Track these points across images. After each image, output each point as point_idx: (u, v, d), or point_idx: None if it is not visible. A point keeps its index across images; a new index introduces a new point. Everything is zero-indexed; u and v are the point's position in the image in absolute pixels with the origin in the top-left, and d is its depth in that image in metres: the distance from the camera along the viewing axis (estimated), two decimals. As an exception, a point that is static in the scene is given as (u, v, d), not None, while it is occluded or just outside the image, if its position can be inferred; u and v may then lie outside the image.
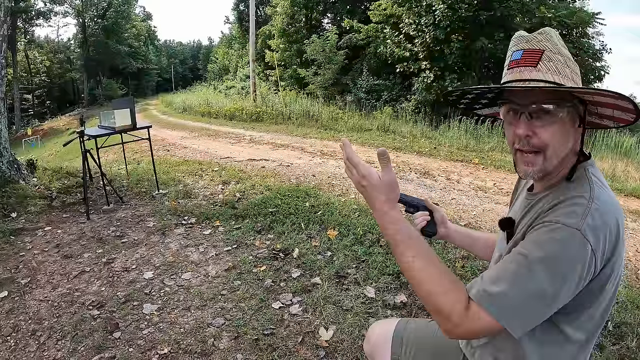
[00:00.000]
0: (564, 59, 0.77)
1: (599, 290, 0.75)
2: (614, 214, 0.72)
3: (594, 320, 0.79)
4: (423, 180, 4.79)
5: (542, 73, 0.76)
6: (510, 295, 0.69)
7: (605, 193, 0.74)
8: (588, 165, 0.79)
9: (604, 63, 11.13)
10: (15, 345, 1.85)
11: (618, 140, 7.51)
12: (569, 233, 0.68)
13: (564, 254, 0.68)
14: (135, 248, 2.84)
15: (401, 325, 1.07)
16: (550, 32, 0.80)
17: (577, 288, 0.70)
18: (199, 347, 1.80)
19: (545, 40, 0.78)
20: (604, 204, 0.72)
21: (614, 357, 1.73)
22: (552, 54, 0.77)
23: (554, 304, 0.70)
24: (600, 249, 0.69)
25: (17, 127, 27.08)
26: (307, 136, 8.41)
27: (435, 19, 10.51)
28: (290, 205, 3.48)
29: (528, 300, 0.69)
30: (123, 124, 3.69)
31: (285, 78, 17.60)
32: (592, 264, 0.69)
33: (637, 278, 2.60)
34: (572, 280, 0.69)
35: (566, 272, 0.68)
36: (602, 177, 0.80)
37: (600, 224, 0.69)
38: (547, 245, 0.69)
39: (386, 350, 1.04)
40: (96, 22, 36.16)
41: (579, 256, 0.68)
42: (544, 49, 0.77)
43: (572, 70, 0.78)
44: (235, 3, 29.46)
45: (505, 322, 0.69)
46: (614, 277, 0.76)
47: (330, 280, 2.33)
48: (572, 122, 0.78)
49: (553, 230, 0.70)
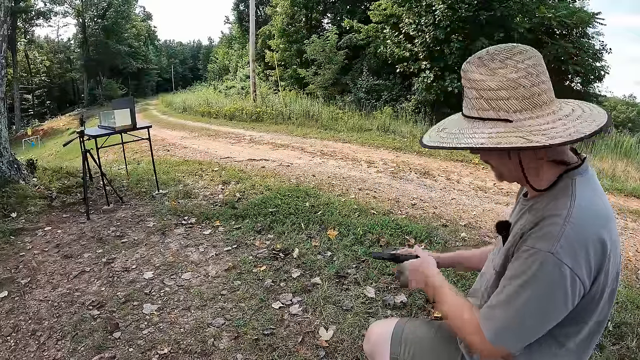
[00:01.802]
0: (478, 91, 0.76)
1: (595, 303, 0.77)
2: (596, 229, 0.72)
3: (589, 329, 0.80)
4: (423, 180, 4.79)
5: (467, 109, 0.81)
6: (505, 323, 0.76)
7: (586, 207, 0.74)
8: (576, 174, 0.78)
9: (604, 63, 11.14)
10: (15, 345, 1.85)
11: (618, 140, 7.52)
12: (542, 258, 0.71)
13: (541, 278, 0.72)
14: (135, 248, 2.83)
15: (400, 325, 1.07)
16: (466, 67, 0.79)
17: (567, 307, 0.73)
18: (199, 347, 1.80)
19: (463, 78, 0.80)
20: (583, 221, 0.72)
21: (614, 357, 1.73)
22: (468, 89, 0.79)
23: (543, 325, 0.75)
24: (582, 267, 0.70)
25: (17, 127, 27.09)
26: (307, 136, 8.41)
27: (435, 19, 10.50)
28: (290, 205, 3.48)
29: (520, 326, 0.75)
30: (123, 124, 3.69)
31: (285, 78, 17.59)
32: (576, 283, 0.71)
33: (637, 278, 2.60)
34: (557, 302, 0.72)
35: (548, 295, 0.72)
36: (592, 186, 0.79)
37: (577, 244, 0.70)
38: (527, 272, 0.73)
39: (385, 350, 1.04)
40: (96, 22, 36.16)
41: (557, 279, 0.71)
42: (463, 85, 0.80)
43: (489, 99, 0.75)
44: (235, 3, 29.48)
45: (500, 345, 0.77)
46: (608, 288, 0.77)
47: (330, 280, 2.33)
48: (500, 155, 0.82)
49: (530, 256, 0.73)
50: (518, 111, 0.74)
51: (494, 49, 0.77)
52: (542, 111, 0.74)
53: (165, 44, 63.50)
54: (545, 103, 0.75)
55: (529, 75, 0.73)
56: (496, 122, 0.75)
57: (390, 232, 2.92)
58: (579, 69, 10.48)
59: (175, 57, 58.46)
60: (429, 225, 3.18)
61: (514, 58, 0.74)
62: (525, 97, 0.73)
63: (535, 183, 0.81)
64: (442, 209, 3.74)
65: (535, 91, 0.74)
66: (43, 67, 37.16)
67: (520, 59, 0.73)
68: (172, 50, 62.19)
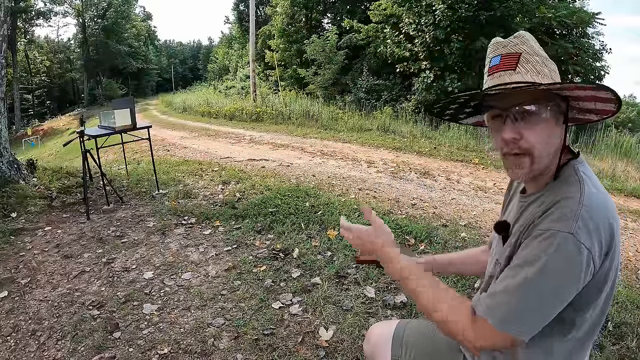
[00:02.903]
0: (541, 59, 0.78)
1: (600, 286, 0.76)
2: (605, 212, 0.73)
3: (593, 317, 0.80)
4: (423, 180, 4.79)
5: (521, 75, 0.77)
6: (513, 306, 0.72)
7: (596, 192, 0.75)
8: (577, 164, 0.80)
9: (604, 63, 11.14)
10: (15, 345, 1.85)
11: (618, 140, 7.52)
12: (562, 238, 0.70)
13: (561, 259, 0.70)
14: (135, 248, 2.83)
15: (401, 326, 1.06)
16: (525, 35, 0.81)
17: (579, 288, 0.72)
18: (199, 347, 1.80)
19: (521, 44, 0.79)
20: (595, 204, 0.72)
21: (614, 357, 1.73)
22: (529, 55, 0.78)
23: (556, 307, 0.73)
24: (596, 248, 0.70)
25: (17, 127, 27.09)
26: (307, 136, 8.41)
27: (435, 19, 10.50)
28: (290, 205, 3.48)
29: (531, 308, 0.72)
30: (123, 124, 3.69)
31: (285, 78, 17.60)
32: (591, 264, 0.71)
33: (637, 278, 2.60)
34: (573, 283, 0.71)
35: (565, 276, 0.70)
36: (593, 175, 0.80)
37: (593, 225, 0.70)
38: (544, 254, 0.71)
39: (386, 351, 1.03)
40: (96, 22, 36.15)
41: (576, 259, 0.69)
42: (520, 51, 0.79)
43: (550, 69, 0.79)
44: (235, 3, 29.48)
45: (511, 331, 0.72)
46: (612, 271, 0.77)
47: (330, 280, 2.33)
48: (556, 120, 0.79)
49: (547, 238, 0.71)
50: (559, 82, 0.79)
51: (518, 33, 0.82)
52: None
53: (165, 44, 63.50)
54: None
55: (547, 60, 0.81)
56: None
57: (390, 232, 2.91)
58: (579, 69, 10.48)
59: (175, 57, 58.46)
60: (429, 225, 3.18)
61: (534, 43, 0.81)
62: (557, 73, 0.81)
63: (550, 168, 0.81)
64: (442, 209, 3.74)
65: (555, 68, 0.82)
66: (43, 67, 37.15)
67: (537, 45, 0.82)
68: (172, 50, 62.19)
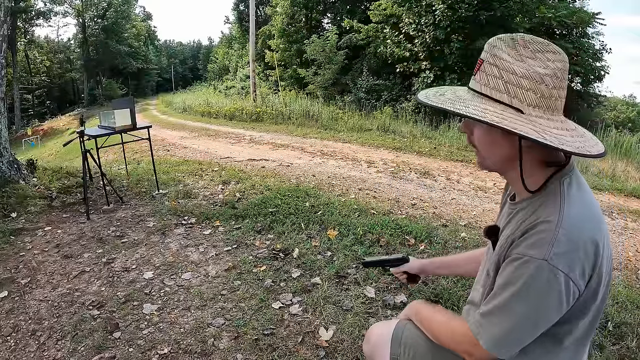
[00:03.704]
0: (499, 71, 0.73)
1: (588, 303, 0.76)
2: (588, 232, 0.72)
3: (585, 327, 0.81)
4: (423, 180, 4.79)
5: (477, 83, 0.77)
6: (500, 331, 0.76)
7: (577, 211, 0.73)
8: (564, 176, 0.77)
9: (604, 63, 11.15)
10: (15, 345, 1.85)
11: (618, 140, 7.52)
12: (536, 265, 0.70)
13: (536, 285, 0.71)
14: (135, 248, 2.83)
15: (400, 326, 1.07)
16: (494, 41, 0.76)
17: (561, 312, 0.73)
18: (199, 347, 1.80)
19: (486, 51, 0.77)
20: (575, 224, 0.71)
21: (614, 357, 1.73)
22: (489, 65, 0.75)
23: (536, 330, 0.75)
24: (576, 272, 0.70)
25: (17, 127, 27.09)
26: (307, 136, 8.41)
27: (435, 19, 10.51)
28: (290, 205, 3.48)
29: (515, 333, 0.75)
30: (123, 124, 3.69)
31: (285, 78, 17.60)
32: (571, 287, 0.70)
33: (637, 278, 2.60)
34: (552, 308, 0.72)
35: (543, 301, 0.71)
36: (580, 186, 0.77)
37: (570, 248, 0.70)
38: (520, 279, 0.72)
39: (385, 351, 1.04)
40: (96, 22, 36.13)
41: (551, 286, 0.70)
42: (483, 59, 0.77)
43: (507, 82, 0.73)
44: (235, 3, 29.47)
45: (495, 351, 0.77)
46: (602, 287, 0.76)
47: (330, 280, 2.33)
48: (505, 134, 0.73)
49: (522, 264, 0.72)
50: (532, 106, 0.72)
51: (529, 37, 0.74)
52: (554, 116, 0.73)
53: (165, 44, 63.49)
54: (558, 110, 0.74)
55: (554, 77, 0.71)
56: (507, 107, 0.73)
57: (390, 232, 2.92)
58: (579, 69, 10.49)
59: (175, 57, 58.45)
60: (429, 225, 3.18)
61: (546, 54, 0.72)
62: (544, 96, 0.72)
63: (527, 181, 0.79)
64: (442, 209, 3.74)
65: (555, 94, 0.72)
66: (43, 67, 37.14)
67: (552, 58, 0.72)
68: (172, 50, 62.18)
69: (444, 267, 1.27)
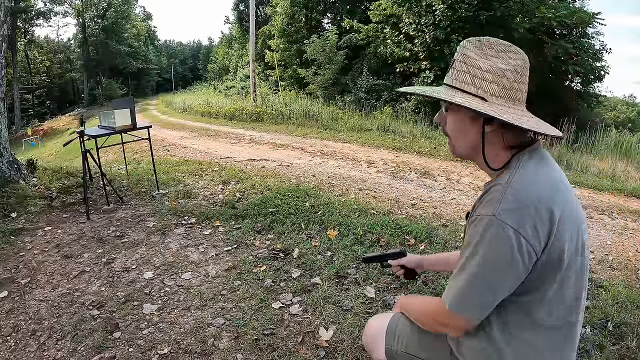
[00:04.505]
0: (468, 67, 0.84)
1: (552, 271, 0.79)
2: (538, 195, 0.77)
3: (565, 305, 0.82)
4: (423, 180, 4.79)
5: (449, 78, 0.88)
6: (459, 289, 0.81)
7: (530, 178, 0.79)
8: (523, 155, 0.84)
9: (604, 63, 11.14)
10: (15, 345, 1.85)
11: (618, 140, 7.52)
12: (486, 221, 0.76)
13: (487, 241, 0.76)
14: (135, 248, 2.83)
15: (395, 319, 1.12)
16: (465, 43, 0.87)
17: (517, 270, 0.76)
18: (199, 347, 1.80)
19: (458, 51, 0.87)
20: (523, 186, 0.77)
21: (614, 357, 1.73)
22: (459, 62, 0.86)
23: (494, 288, 0.79)
24: (527, 228, 0.74)
25: (17, 127, 27.08)
26: (307, 136, 8.41)
27: (435, 19, 10.51)
28: (290, 205, 3.48)
29: (473, 289, 0.80)
30: (123, 124, 3.69)
31: (285, 78, 17.59)
32: (523, 245, 0.74)
33: (637, 278, 2.60)
34: (505, 263, 0.76)
35: (496, 257, 0.76)
36: (542, 162, 0.84)
37: (518, 206, 0.75)
38: (474, 239, 0.79)
39: (381, 342, 1.10)
40: (96, 22, 36.10)
41: (500, 239, 0.75)
42: (455, 58, 0.88)
43: (474, 76, 0.83)
44: (235, 3, 29.47)
45: (460, 312, 0.82)
46: (566, 261, 0.79)
47: (330, 280, 2.33)
48: (471, 120, 0.86)
49: (476, 223, 0.79)
50: (495, 95, 0.82)
51: (494, 39, 0.85)
52: (515, 106, 0.83)
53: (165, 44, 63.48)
54: (519, 100, 0.84)
55: (514, 72, 0.82)
56: (473, 97, 0.83)
57: (390, 232, 2.92)
58: (579, 69, 10.48)
59: (175, 57, 58.43)
60: (429, 225, 3.18)
61: (507, 53, 0.83)
62: (505, 87, 0.82)
63: (491, 162, 0.87)
64: (442, 209, 3.74)
65: (515, 87, 0.83)
66: (43, 67, 37.13)
67: (512, 57, 0.83)
68: (172, 50, 62.16)
69: (441, 263, 1.30)
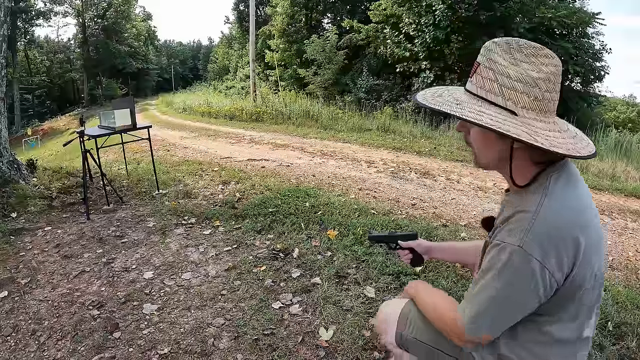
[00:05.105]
0: (494, 74, 0.76)
1: (570, 298, 0.78)
2: (566, 225, 0.73)
3: (579, 320, 0.81)
4: (423, 180, 4.79)
5: (473, 84, 0.81)
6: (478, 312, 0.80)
7: (559, 206, 0.75)
8: (554, 172, 0.79)
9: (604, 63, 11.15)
10: (15, 345, 1.85)
11: (618, 140, 7.52)
12: (510, 251, 0.74)
13: (511, 271, 0.74)
14: (135, 248, 2.83)
15: (409, 304, 1.11)
16: (490, 45, 0.79)
17: (539, 296, 0.75)
18: (199, 347, 1.80)
19: (482, 55, 0.80)
20: (552, 216, 0.73)
21: (614, 357, 1.73)
22: (484, 68, 0.78)
23: (512, 313, 0.78)
24: (552, 260, 0.72)
25: (17, 127, 27.07)
26: (307, 136, 8.41)
27: (435, 19, 10.51)
28: (290, 205, 3.48)
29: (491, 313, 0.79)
30: (123, 124, 3.69)
31: (285, 78, 17.59)
32: (547, 276, 0.73)
33: (637, 278, 2.60)
34: (526, 292, 0.74)
35: (519, 286, 0.74)
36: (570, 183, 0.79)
37: (546, 238, 0.72)
38: (497, 265, 0.76)
39: (392, 326, 1.09)
40: (96, 22, 36.08)
41: (525, 271, 0.73)
42: (480, 62, 0.80)
43: (502, 86, 0.76)
44: (235, 3, 29.44)
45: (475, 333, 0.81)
46: (588, 285, 0.77)
47: (330, 280, 2.33)
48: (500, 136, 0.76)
49: (499, 250, 0.76)
50: (525, 108, 0.75)
51: (523, 41, 0.77)
52: (546, 118, 0.76)
53: (165, 44, 63.42)
54: (550, 112, 0.77)
55: (547, 81, 0.74)
56: (501, 109, 0.76)
57: (390, 232, 2.92)
58: (579, 69, 10.48)
59: (175, 57, 58.38)
60: (429, 225, 3.18)
61: (539, 58, 0.74)
62: (537, 99, 0.75)
63: (517, 177, 0.82)
64: (442, 209, 3.74)
65: (547, 97, 0.75)
66: (43, 67, 37.11)
67: (545, 62, 0.74)
68: (172, 50, 62.10)
69: (450, 252, 1.26)
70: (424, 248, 1.25)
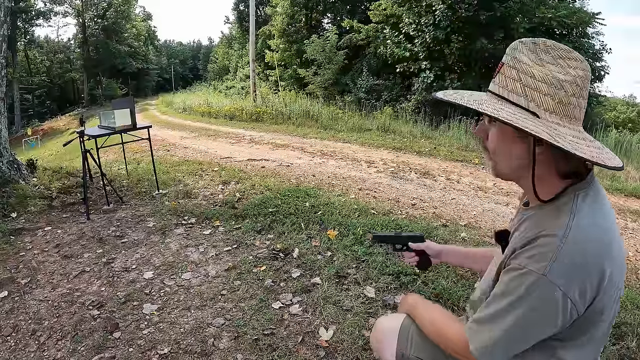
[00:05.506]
0: (518, 73, 0.73)
1: (590, 324, 0.74)
2: (593, 253, 0.69)
3: (594, 343, 0.78)
4: (423, 180, 4.79)
5: (496, 85, 0.77)
6: (491, 340, 0.75)
7: (587, 230, 0.70)
8: (581, 189, 0.74)
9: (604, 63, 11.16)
10: (15, 345, 1.85)
11: (618, 140, 7.52)
12: (534, 279, 0.69)
13: (531, 300, 0.70)
14: (135, 248, 2.83)
15: (408, 320, 1.08)
16: (516, 45, 0.75)
17: (555, 328, 0.71)
18: (199, 347, 1.80)
19: (508, 54, 0.76)
20: (580, 243, 0.68)
21: (614, 357, 1.73)
22: (508, 67, 0.75)
23: (527, 343, 0.74)
24: (575, 291, 0.68)
25: (17, 127, 27.06)
26: (307, 136, 8.41)
27: (435, 19, 10.51)
28: (290, 205, 3.48)
29: (505, 341, 0.74)
30: (123, 124, 3.69)
31: (285, 78, 17.60)
32: (568, 307, 0.68)
33: (637, 278, 2.60)
34: (545, 323, 0.71)
35: (538, 316, 0.70)
36: (597, 204, 0.74)
37: (572, 266, 0.67)
38: (517, 291, 0.71)
39: (391, 343, 1.05)
40: (96, 22, 36.07)
41: (547, 301, 0.68)
42: (504, 61, 0.76)
43: (526, 85, 0.72)
44: (235, 3, 29.46)
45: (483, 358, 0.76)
46: (608, 311, 0.74)
47: (330, 280, 2.33)
48: (520, 138, 0.74)
49: (520, 275, 0.71)
50: (549, 111, 0.71)
51: (551, 42, 0.73)
52: (571, 124, 0.71)
53: (165, 44, 63.44)
54: (576, 119, 0.72)
55: (574, 84, 0.70)
56: (523, 110, 0.71)
57: (390, 232, 2.92)
58: (579, 69, 10.47)
59: (175, 57, 58.39)
60: (429, 225, 3.18)
61: (567, 61, 0.71)
62: (561, 102, 0.70)
63: (540, 190, 0.76)
64: (442, 209, 3.74)
65: (573, 102, 0.71)
66: (43, 67, 37.10)
67: (573, 65, 0.70)
68: (172, 50, 62.13)
69: (460, 256, 1.22)
70: (434, 251, 1.21)
